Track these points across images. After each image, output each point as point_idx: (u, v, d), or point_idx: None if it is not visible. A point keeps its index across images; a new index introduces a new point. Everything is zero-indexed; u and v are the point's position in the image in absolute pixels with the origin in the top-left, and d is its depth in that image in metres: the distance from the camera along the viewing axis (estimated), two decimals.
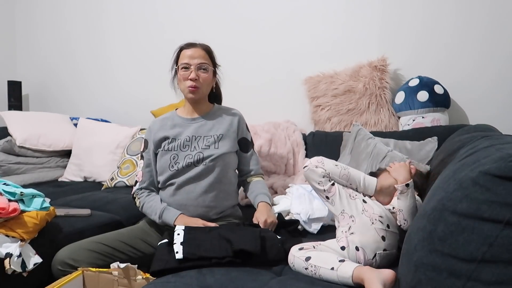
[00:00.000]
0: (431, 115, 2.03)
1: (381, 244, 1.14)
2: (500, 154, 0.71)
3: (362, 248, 1.12)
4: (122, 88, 3.13)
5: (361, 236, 1.14)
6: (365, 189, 1.26)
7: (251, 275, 1.06)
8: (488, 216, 0.66)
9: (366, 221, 1.16)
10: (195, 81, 1.49)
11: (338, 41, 2.41)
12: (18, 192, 1.33)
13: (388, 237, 1.15)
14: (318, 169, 1.24)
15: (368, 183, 1.26)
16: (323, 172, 1.23)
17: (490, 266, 0.64)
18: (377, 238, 1.14)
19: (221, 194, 1.51)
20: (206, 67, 1.52)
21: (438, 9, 2.17)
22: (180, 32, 2.81)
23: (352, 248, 1.12)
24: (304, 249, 1.11)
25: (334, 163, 1.27)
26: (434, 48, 2.20)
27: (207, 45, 1.57)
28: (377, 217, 1.17)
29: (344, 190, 1.24)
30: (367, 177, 1.27)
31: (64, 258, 1.28)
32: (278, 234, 1.34)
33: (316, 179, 1.24)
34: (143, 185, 1.59)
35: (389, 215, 1.21)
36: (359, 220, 1.17)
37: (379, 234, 1.14)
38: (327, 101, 2.31)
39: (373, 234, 1.14)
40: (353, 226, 1.17)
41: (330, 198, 1.23)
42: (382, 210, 1.21)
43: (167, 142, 1.54)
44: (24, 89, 3.40)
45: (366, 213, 1.18)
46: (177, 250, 1.15)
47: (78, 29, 3.30)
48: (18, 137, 2.49)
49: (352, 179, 1.25)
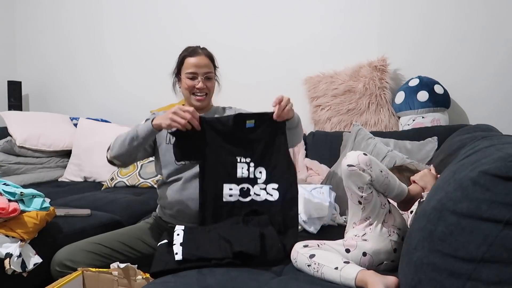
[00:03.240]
0: (431, 115, 2.03)
1: (391, 255, 1.13)
2: (500, 154, 0.71)
3: (371, 256, 1.11)
4: (122, 88, 3.13)
5: (374, 245, 1.12)
6: (395, 197, 1.20)
7: (251, 275, 1.06)
8: (488, 216, 0.66)
9: (384, 232, 1.14)
10: (203, 90, 1.52)
11: (338, 41, 2.41)
12: (18, 192, 1.33)
13: (399, 250, 1.12)
14: (365, 174, 1.12)
15: (401, 191, 1.19)
16: (369, 180, 1.12)
17: (490, 266, 0.64)
18: (389, 250, 1.13)
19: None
20: (212, 76, 1.54)
21: (437, 9, 2.17)
22: (180, 31, 2.80)
23: (359, 252, 1.11)
24: (309, 247, 1.11)
25: (380, 168, 1.15)
26: (433, 48, 2.20)
27: (209, 51, 1.58)
28: (395, 230, 1.15)
29: (379, 198, 1.17)
30: (400, 186, 1.20)
31: (62, 259, 1.28)
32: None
33: (358, 184, 1.13)
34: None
35: (406, 227, 1.19)
36: (378, 230, 1.14)
37: (393, 246, 1.13)
38: (327, 101, 2.31)
39: (386, 245, 1.13)
40: (368, 234, 1.14)
41: (362, 204, 1.15)
42: (402, 221, 1.19)
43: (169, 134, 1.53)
44: (24, 89, 3.40)
45: (386, 224, 1.15)
46: (176, 251, 1.15)
47: (78, 29, 3.30)
48: (18, 137, 2.49)
49: (389, 188, 1.17)
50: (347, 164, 1.13)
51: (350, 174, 1.13)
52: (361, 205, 1.15)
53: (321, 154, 2.17)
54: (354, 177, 1.13)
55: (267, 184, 1.35)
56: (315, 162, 2.17)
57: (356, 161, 1.12)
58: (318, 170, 2.12)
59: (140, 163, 2.36)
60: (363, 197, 1.14)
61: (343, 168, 1.15)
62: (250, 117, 1.36)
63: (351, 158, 1.13)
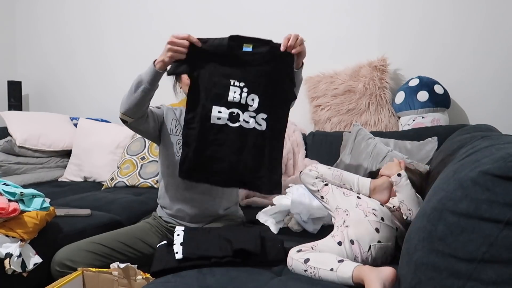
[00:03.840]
0: (431, 115, 2.03)
1: (375, 236, 1.15)
2: (500, 154, 0.71)
3: (357, 241, 1.13)
4: (122, 88, 3.10)
5: (355, 228, 1.16)
6: (360, 189, 1.33)
7: (251, 275, 1.06)
8: (488, 216, 0.66)
9: (359, 214, 1.21)
10: None
11: (338, 41, 2.41)
12: (18, 192, 1.33)
13: (382, 230, 1.17)
14: (311, 172, 1.36)
15: (362, 183, 1.34)
16: (316, 174, 1.35)
17: (490, 266, 0.64)
18: (371, 230, 1.16)
19: (226, 189, 1.51)
20: None
21: (438, 9, 2.17)
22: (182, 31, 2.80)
23: (348, 242, 1.13)
24: (303, 251, 1.11)
25: (327, 167, 1.39)
26: (433, 48, 2.20)
27: None
28: (370, 210, 1.21)
29: (338, 189, 1.33)
30: (361, 178, 1.36)
31: (62, 259, 1.28)
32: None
33: (310, 181, 1.35)
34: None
35: (384, 210, 1.25)
36: (353, 213, 1.22)
37: (373, 226, 1.17)
38: (327, 101, 2.31)
39: (366, 227, 1.17)
40: (347, 220, 1.21)
41: (324, 197, 1.33)
42: (377, 204, 1.25)
43: (174, 124, 1.53)
44: (24, 89, 3.40)
45: (360, 207, 1.23)
46: (177, 250, 1.15)
47: (78, 29, 3.30)
48: (18, 137, 2.49)
49: (345, 179, 1.35)
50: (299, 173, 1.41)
51: (302, 179, 1.38)
52: (324, 199, 1.33)
53: (321, 154, 2.17)
54: (305, 179, 1.37)
55: (258, 113, 1.32)
56: (315, 162, 2.17)
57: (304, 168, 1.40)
58: None
59: (140, 163, 2.36)
60: (319, 190, 1.33)
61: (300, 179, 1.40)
62: (248, 41, 1.31)
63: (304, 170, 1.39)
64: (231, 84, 1.31)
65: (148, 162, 2.35)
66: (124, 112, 1.39)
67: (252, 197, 2.00)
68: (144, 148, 2.43)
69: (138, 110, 1.39)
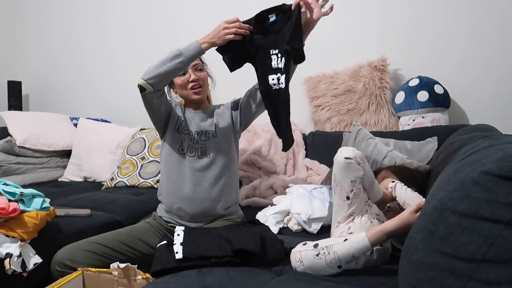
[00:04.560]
0: (431, 115, 2.03)
1: None
2: (501, 154, 0.71)
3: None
4: (122, 88, 3.13)
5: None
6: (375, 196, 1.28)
7: (251, 275, 1.06)
8: (489, 216, 0.66)
9: (365, 221, 1.20)
10: (197, 81, 1.54)
11: (338, 41, 2.40)
12: (18, 192, 1.33)
13: None
14: (360, 167, 1.16)
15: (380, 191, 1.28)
16: (362, 174, 1.17)
17: (491, 266, 0.64)
18: None
19: (226, 188, 1.53)
20: (202, 67, 1.58)
21: (438, 9, 2.17)
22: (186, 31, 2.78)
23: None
24: (308, 244, 1.12)
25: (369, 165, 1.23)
26: (434, 48, 2.20)
27: None
28: (374, 216, 1.22)
29: (364, 195, 1.22)
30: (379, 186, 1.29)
31: (62, 259, 1.28)
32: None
33: (352, 178, 1.17)
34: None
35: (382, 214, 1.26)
36: (359, 220, 1.21)
37: None
38: (327, 101, 2.30)
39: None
40: (352, 227, 1.20)
41: (350, 199, 1.19)
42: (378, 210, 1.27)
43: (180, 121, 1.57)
44: (24, 89, 3.40)
45: (366, 213, 1.22)
46: (177, 250, 1.15)
47: (78, 29, 3.30)
48: (18, 137, 2.49)
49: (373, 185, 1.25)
50: (345, 156, 1.16)
51: (346, 166, 1.16)
52: (349, 201, 1.19)
53: (321, 154, 2.17)
54: (349, 170, 1.16)
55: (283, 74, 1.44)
56: (315, 162, 2.17)
57: (353, 155, 1.16)
58: (318, 170, 2.12)
59: (140, 163, 2.36)
60: (352, 192, 1.17)
61: (338, 160, 1.18)
62: (270, 12, 1.44)
63: (348, 152, 1.18)
64: (271, 53, 1.45)
65: (148, 162, 2.35)
66: (149, 79, 1.42)
67: (252, 197, 2.00)
68: (144, 148, 2.43)
69: (164, 80, 1.43)
